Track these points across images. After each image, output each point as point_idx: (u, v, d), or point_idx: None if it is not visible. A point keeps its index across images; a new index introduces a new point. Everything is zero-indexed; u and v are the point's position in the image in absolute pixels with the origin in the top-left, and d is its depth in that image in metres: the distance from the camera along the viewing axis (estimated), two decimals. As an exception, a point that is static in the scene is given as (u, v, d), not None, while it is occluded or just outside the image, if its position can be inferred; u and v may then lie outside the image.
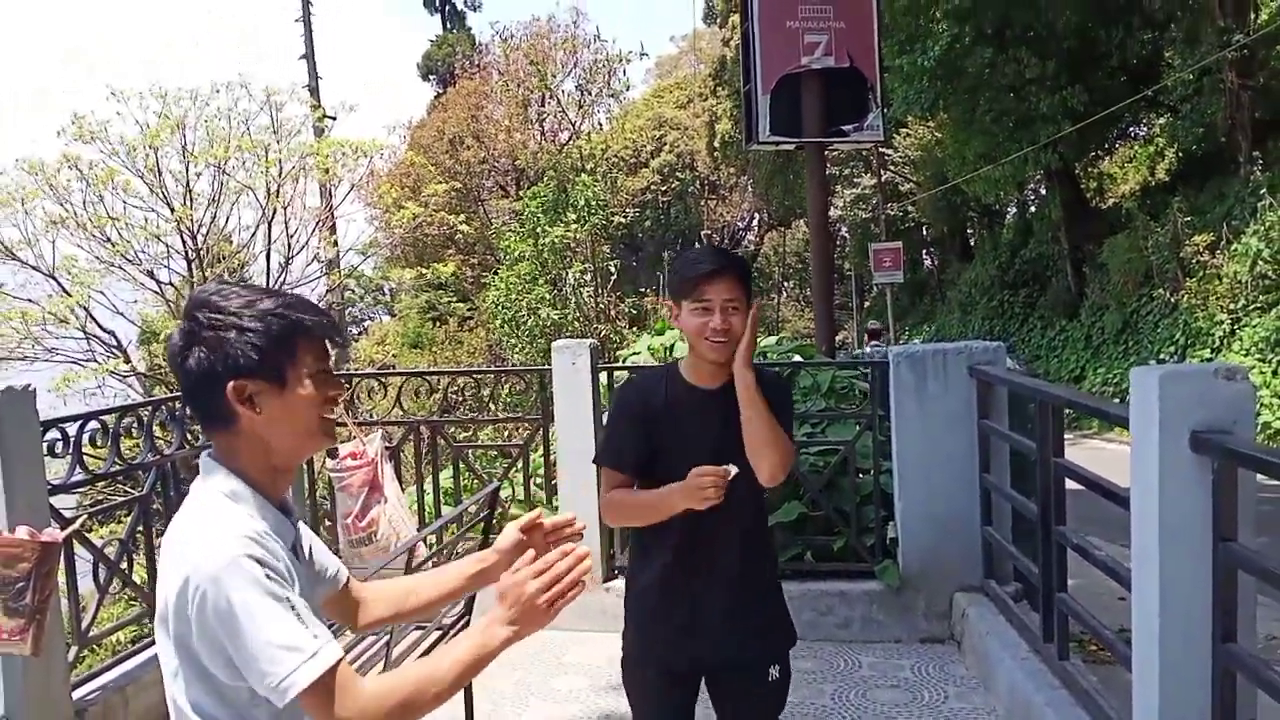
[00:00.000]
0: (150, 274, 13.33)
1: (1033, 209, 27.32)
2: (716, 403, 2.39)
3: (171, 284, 13.78)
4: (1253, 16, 17.78)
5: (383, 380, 5.20)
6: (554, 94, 23.76)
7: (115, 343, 13.97)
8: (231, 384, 1.41)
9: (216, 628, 1.32)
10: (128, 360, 14.28)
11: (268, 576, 1.34)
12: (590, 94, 24.64)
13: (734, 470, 2.25)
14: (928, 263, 36.01)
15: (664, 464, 2.37)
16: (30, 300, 12.61)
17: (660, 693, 2.49)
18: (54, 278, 12.50)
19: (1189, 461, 2.44)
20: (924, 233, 34.75)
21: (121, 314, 13.85)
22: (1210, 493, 2.42)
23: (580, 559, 1.50)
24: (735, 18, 24.99)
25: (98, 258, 12.66)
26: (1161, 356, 16.10)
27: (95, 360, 13.66)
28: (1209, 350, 15.15)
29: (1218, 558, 2.40)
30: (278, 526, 1.47)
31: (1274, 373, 13.63)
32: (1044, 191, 24.38)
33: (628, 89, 27.10)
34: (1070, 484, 3.49)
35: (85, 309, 13.15)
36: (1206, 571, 2.45)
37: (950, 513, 4.59)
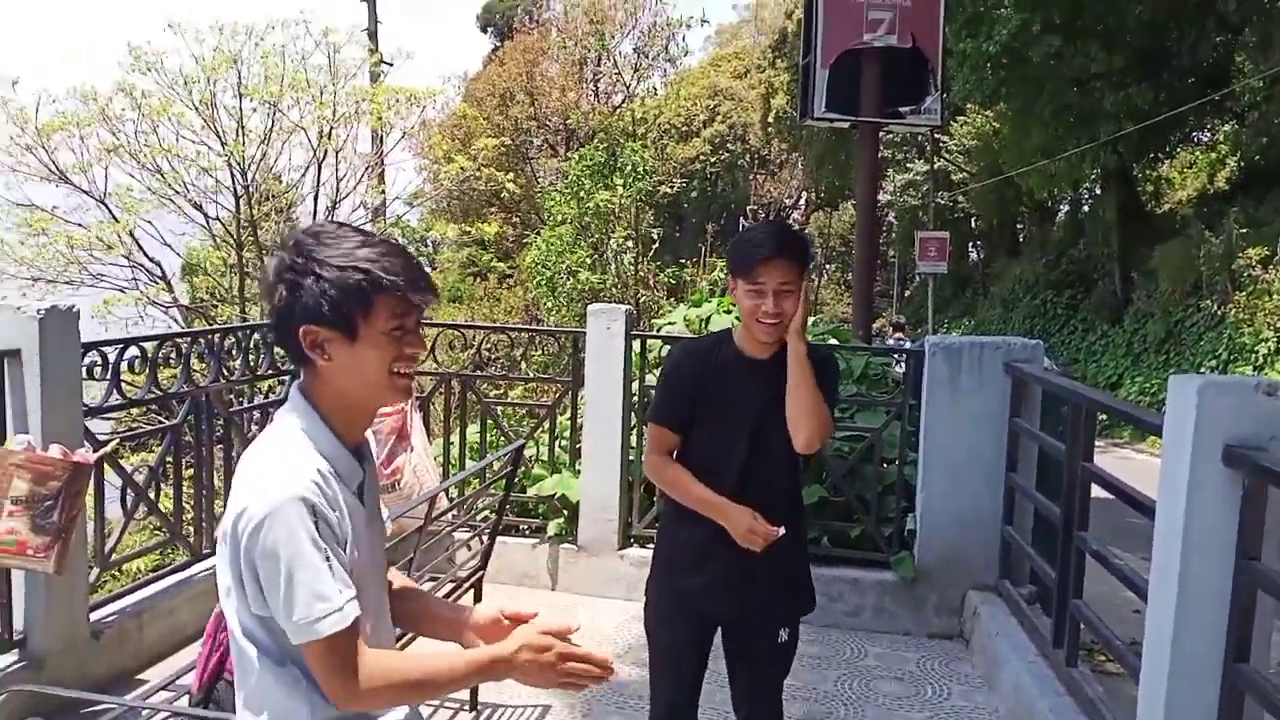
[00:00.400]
0: (198, 207, 13.48)
1: (1086, 209, 26.86)
2: (765, 371, 2.50)
3: (219, 219, 13.93)
4: (1332, 26, 17.25)
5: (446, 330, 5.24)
6: (611, 54, 23.61)
7: (160, 273, 14.17)
8: (303, 329, 1.44)
9: (258, 560, 1.37)
10: (170, 290, 14.49)
11: (316, 524, 1.38)
12: (648, 57, 24.46)
13: (783, 532, 2.44)
14: (973, 256, 35.55)
15: (711, 424, 2.52)
16: (79, 224, 12.81)
17: (673, 628, 2.62)
18: (105, 204, 12.69)
19: (1220, 474, 2.40)
20: (972, 225, 34.28)
21: (169, 245, 14.05)
22: (1238, 508, 2.38)
23: (604, 673, 1.52)
24: (799, -9, 24.68)
25: (149, 188, 12.82)
26: (1203, 370, 15.83)
27: (139, 289, 13.88)
28: (1251, 367, 14.87)
29: (1239, 575, 2.37)
30: (346, 467, 1.50)
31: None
32: (1099, 192, 23.93)
33: (686, 54, 26.90)
34: (1095, 492, 3.45)
35: (133, 236, 13.34)
36: (1226, 588, 2.41)
37: (972, 509, 4.56)
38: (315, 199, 15.26)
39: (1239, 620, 2.37)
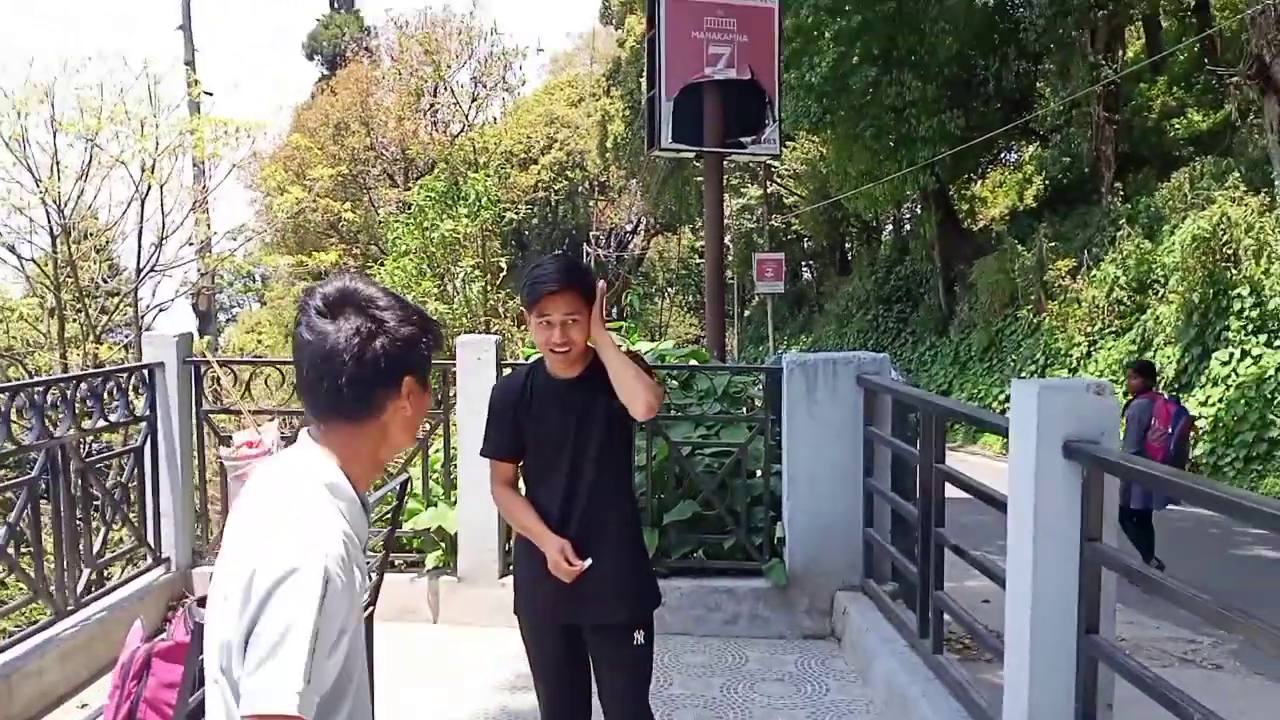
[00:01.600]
0: (11, 249, 12.66)
1: (908, 227, 28.41)
2: (574, 390, 2.68)
3: (34, 260, 13.11)
4: (1121, 53, 18.97)
5: (278, 367, 5.11)
6: (448, 85, 23.52)
7: (-27, 319, 13.21)
8: (407, 378, 1.50)
9: (264, 613, 1.32)
10: (-15, 337, 13.52)
11: (323, 599, 1.33)
12: (486, 87, 24.49)
13: (589, 564, 2.59)
14: (807, 275, 37.02)
15: (535, 448, 2.71)
16: (-122, 270, 11.81)
17: (540, 642, 2.76)
18: (-94, 247, 11.77)
19: (1061, 467, 2.68)
20: (805, 245, 35.70)
21: (-21, 290, 13.12)
22: (1079, 496, 2.67)
23: None
24: (631, 19, 25.21)
25: (-48, 232, 11.97)
26: (1023, 375, 16.99)
27: (-52, 337, 12.90)
28: (1067, 370, 16.08)
29: (1084, 555, 2.65)
30: (356, 522, 1.49)
31: (1124, 394, 14.59)
32: (920, 211, 25.43)
33: (524, 84, 27.05)
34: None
35: (-60, 282, 12.40)
36: (1074, 567, 2.69)
37: (834, 514, 4.82)
38: (140, 235, 14.55)
39: (1087, 595, 2.65)
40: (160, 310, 17.92)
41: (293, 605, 1.31)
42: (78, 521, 4.13)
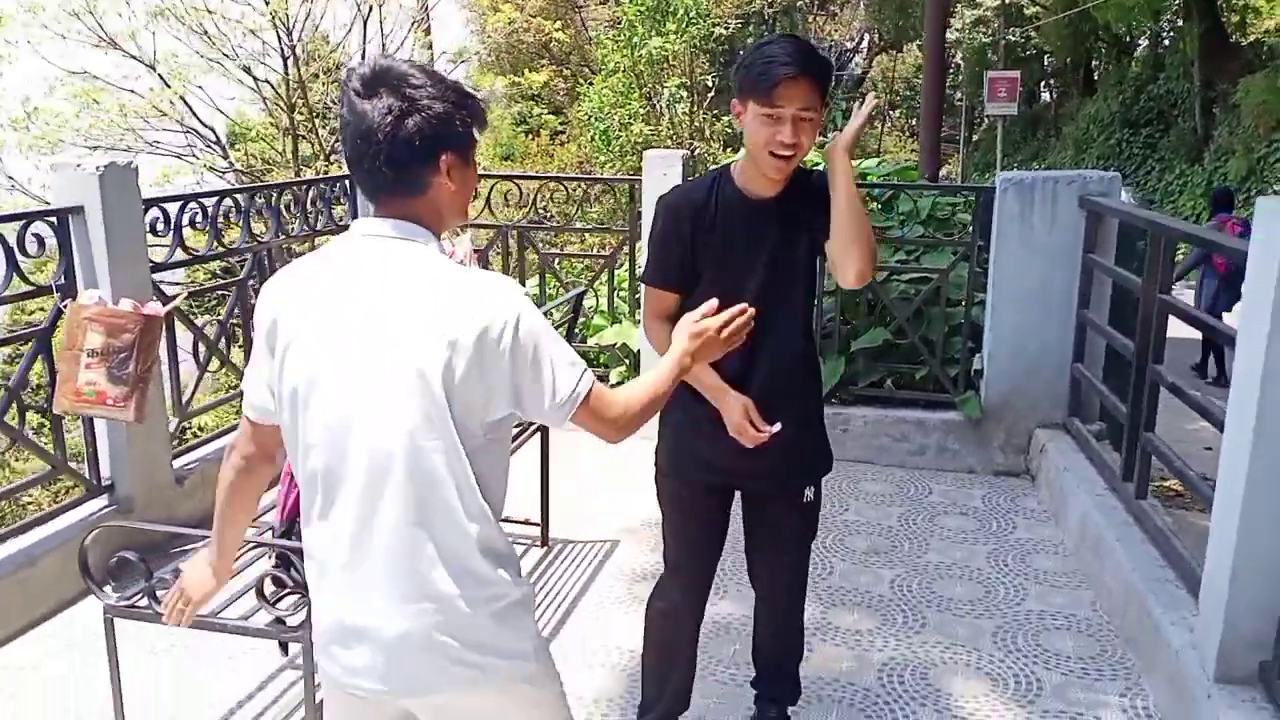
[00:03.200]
0: (247, 70, 13.35)
1: (1166, 42, 25.36)
2: (772, 214, 2.22)
3: (268, 81, 13.81)
4: None
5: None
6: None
7: (215, 138, 14.19)
8: (444, 155, 1.47)
9: (527, 351, 1.45)
10: (225, 156, 14.53)
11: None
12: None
13: (778, 429, 2.21)
14: (1045, 96, 34.01)
15: (713, 280, 2.21)
16: (132, 90, 12.78)
17: (692, 504, 2.42)
18: (154, 69, 12.62)
19: (1308, 300, 2.29)
20: (1044, 63, 32.66)
21: (221, 110, 14.01)
22: (1326, 335, 2.29)
23: (745, 315, 1.71)
24: None
25: (197, 52, 12.70)
26: (1287, 206, 15.18)
27: (194, 155, 13.92)
28: (1341, 202, 14.19)
29: (1324, 401, 2.29)
30: None
31: None
32: (1180, 23, 22.53)
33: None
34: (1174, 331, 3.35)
35: (185, 102, 13.31)
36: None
37: (1040, 348, 4.47)
38: (363, 57, 15.01)
39: (1322, 445, 2.31)
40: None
41: (540, 328, 1.47)
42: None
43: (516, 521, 3.76)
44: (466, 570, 1.46)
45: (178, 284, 5.40)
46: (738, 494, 2.48)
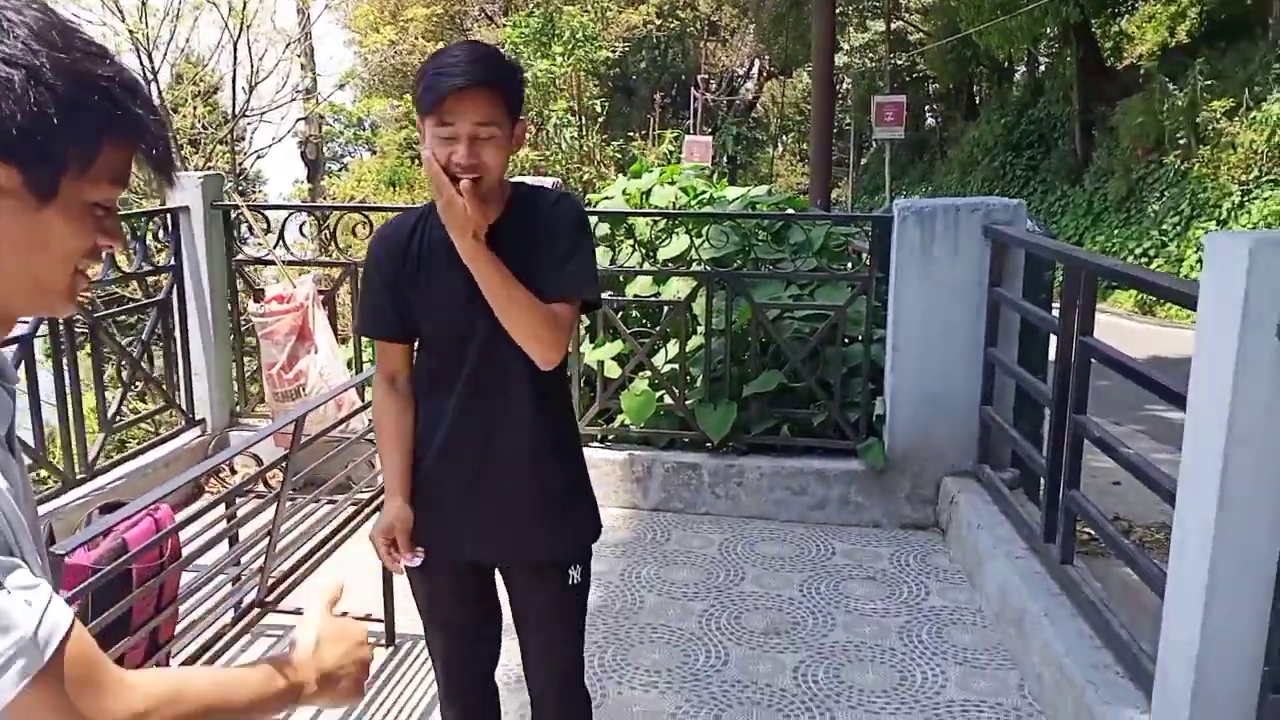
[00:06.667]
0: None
1: (1045, 67, 26.10)
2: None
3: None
4: None
5: (315, 214, 4.56)
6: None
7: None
8: None
9: None
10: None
11: None
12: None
13: (419, 562, 1.93)
14: (930, 120, 34.75)
15: (430, 330, 1.91)
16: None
17: (436, 585, 2.02)
18: None
19: (1273, 355, 1.93)
20: (929, 88, 33.39)
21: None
22: (1296, 395, 1.92)
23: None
24: None
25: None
26: (1165, 227, 15.53)
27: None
28: (1214, 223, 14.55)
29: (1297, 475, 1.92)
30: None
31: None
32: (1058, 48, 23.18)
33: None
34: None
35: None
36: (1277, 485, 1.98)
37: (946, 389, 4.11)
38: (233, 80, 14.26)
39: (1296, 528, 1.94)
40: (259, 156, 17.77)
41: None
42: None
43: (358, 618, 3.18)
44: None
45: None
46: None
